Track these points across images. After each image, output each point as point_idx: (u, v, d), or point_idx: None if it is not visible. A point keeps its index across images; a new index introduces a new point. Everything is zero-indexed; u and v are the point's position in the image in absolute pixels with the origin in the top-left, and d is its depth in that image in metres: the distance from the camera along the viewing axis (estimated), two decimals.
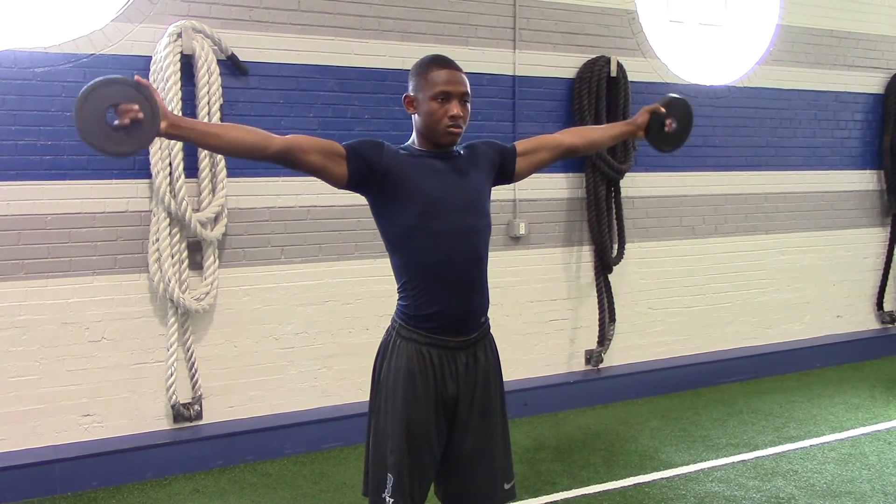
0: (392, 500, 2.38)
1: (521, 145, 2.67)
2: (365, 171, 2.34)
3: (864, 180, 7.01)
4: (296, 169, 2.33)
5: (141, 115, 2.05)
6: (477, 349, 2.49)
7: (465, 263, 2.42)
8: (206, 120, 4.37)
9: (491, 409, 2.51)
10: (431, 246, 2.38)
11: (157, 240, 4.34)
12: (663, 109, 2.87)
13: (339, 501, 4.06)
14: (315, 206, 4.82)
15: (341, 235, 4.87)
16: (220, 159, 4.45)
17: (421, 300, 2.41)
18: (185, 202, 4.31)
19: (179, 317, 4.45)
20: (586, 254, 5.73)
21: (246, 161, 4.55)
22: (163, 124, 2.09)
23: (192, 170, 4.41)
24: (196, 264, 4.51)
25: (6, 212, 4.11)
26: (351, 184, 2.37)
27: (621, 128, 2.93)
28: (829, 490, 4.11)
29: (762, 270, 6.52)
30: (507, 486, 2.56)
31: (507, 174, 2.63)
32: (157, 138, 2.56)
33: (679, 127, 2.92)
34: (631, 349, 5.96)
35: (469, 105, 2.44)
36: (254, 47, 4.60)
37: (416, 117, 2.44)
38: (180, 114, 4.28)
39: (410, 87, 2.45)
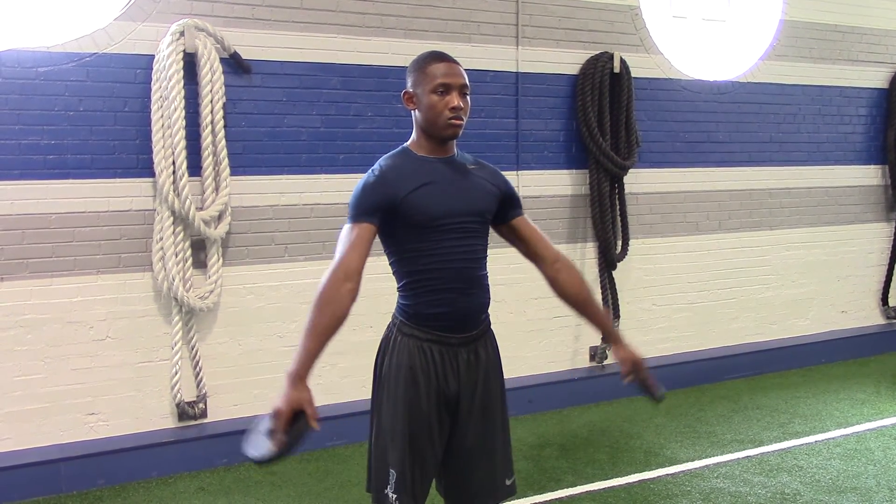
0: (395, 496, 2.38)
1: (522, 222, 2.59)
2: (387, 215, 2.35)
3: (869, 175, 6.98)
4: None
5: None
6: (478, 346, 2.50)
7: (466, 264, 2.43)
8: (208, 118, 4.38)
9: (492, 405, 2.51)
10: (433, 250, 2.39)
11: (161, 238, 4.34)
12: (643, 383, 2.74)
13: (343, 498, 4.07)
14: (318, 204, 4.82)
15: None
16: (224, 157, 4.45)
17: (422, 300, 2.42)
18: (188, 201, 4.32)
19: (184, 315, 4.46)
20: (590, 250, 5.72)
21: (249, 159, 4.61)
22: (293, 390, 2.39)
23: (195, 168, 4.41)
24: (200, 263, 4.51)
25: (10, 211, 4.12)
26: (382, 229, 2.38)
27: (605, 324, 2.76)
28: (834, 486, 4.11)
29: (766, 266, 6.51)
30: (507, 482, 2.57)
31: (496, 219, 2.57)
32: None
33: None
34: (635, 345, 5.93)
35: (469, 99, 2.43)
36: (257, 45, 4.60)
37: (416, 113, 2.44)
38: (182, 112, 4.28)
39: (409, 84, 2.45)
